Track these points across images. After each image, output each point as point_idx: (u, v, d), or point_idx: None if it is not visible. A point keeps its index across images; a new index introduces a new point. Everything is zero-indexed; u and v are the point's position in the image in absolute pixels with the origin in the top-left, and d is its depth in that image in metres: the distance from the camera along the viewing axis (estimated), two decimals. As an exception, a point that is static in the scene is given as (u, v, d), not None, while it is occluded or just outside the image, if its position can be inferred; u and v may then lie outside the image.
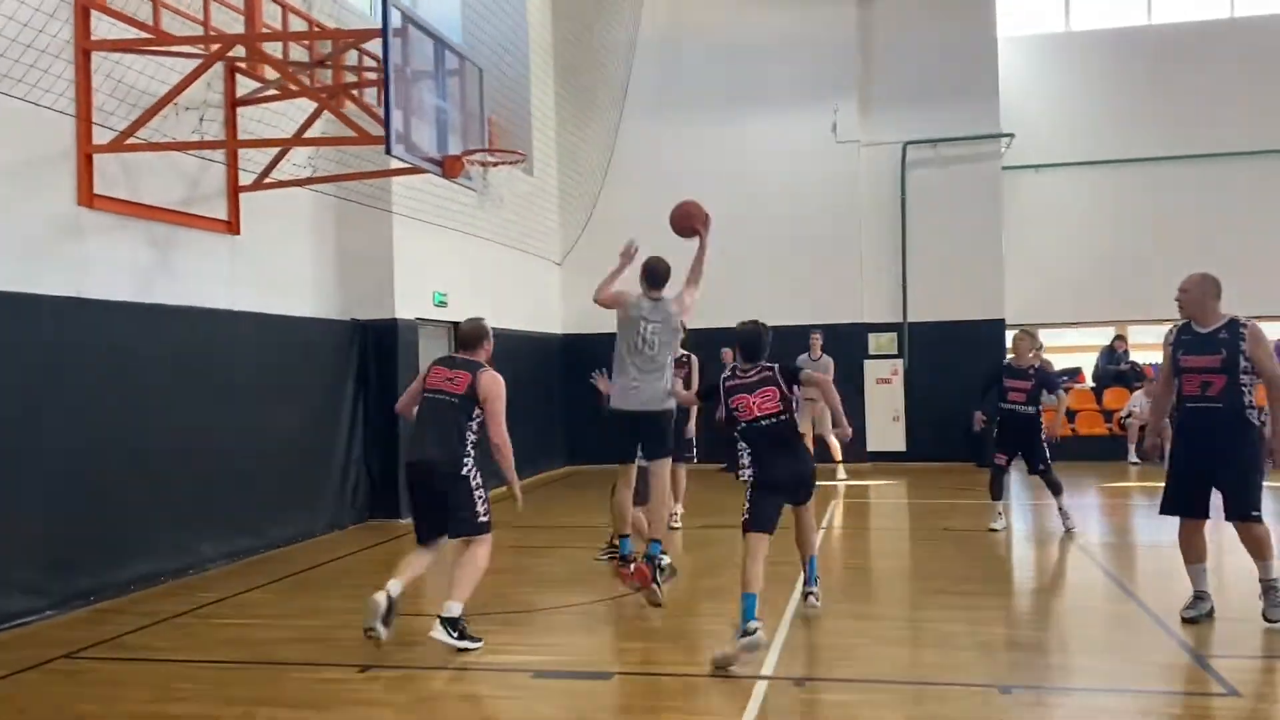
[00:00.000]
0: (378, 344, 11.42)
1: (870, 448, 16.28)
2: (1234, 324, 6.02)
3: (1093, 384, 17.62)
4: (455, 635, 5.87)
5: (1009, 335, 16.86)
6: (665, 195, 16.44)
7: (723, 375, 6.53)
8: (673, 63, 16.87)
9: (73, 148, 7.68)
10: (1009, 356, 10.48)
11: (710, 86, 16.74)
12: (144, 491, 8.10)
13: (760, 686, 5.22)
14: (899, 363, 16.43)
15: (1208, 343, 6.04)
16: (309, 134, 9.60)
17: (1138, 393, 16.07)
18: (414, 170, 8.40)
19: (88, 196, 7.74)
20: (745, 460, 6.61)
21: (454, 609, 5.90)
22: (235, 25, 9.05)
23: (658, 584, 6.88)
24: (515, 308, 15.14)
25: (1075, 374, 18.12)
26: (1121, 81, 17.73)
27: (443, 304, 12.57)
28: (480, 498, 6.14)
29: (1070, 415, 16.97)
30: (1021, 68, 17.88)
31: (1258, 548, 6.03)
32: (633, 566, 6.97)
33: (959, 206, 16.35)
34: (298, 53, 9.86)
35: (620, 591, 7.26)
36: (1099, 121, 17.81)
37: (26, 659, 6.01)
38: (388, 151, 7.44)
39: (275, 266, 10.15)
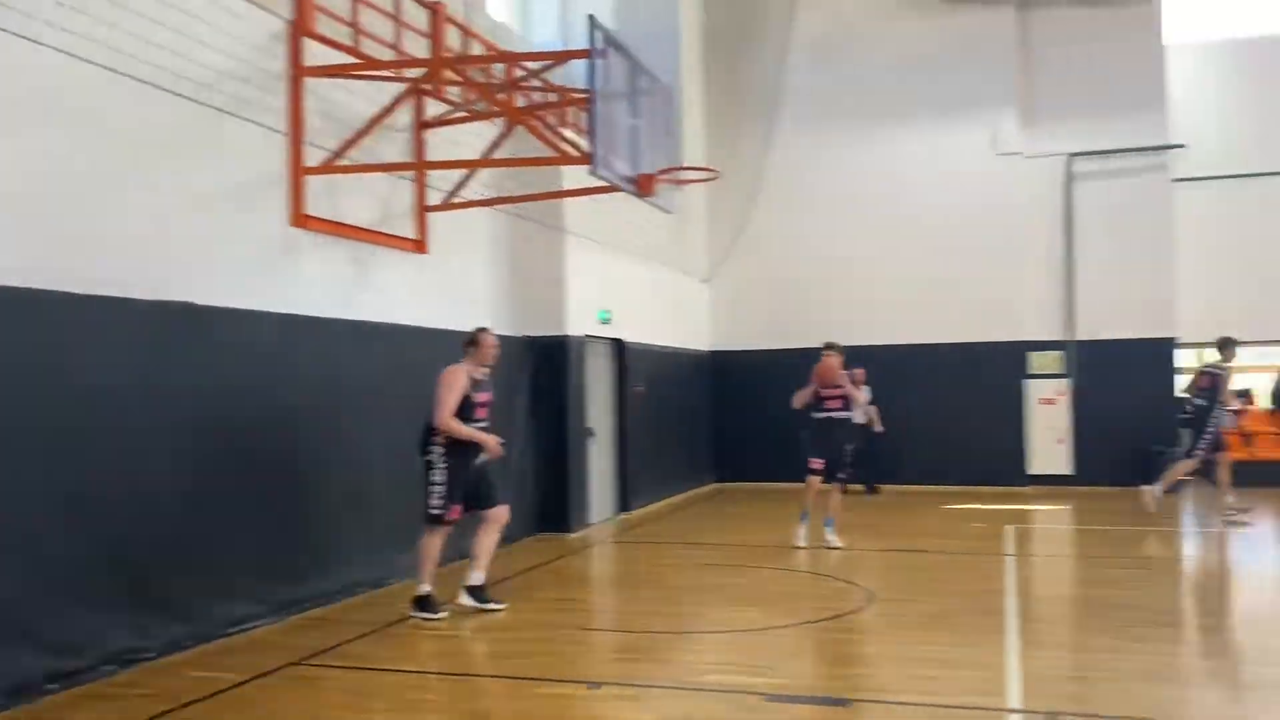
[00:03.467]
0: (549, 360, 11.55)
1: (1032, 470, 15.75)
2: None
3: (1271, 406, 16.66)
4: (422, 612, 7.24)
5: (1179, 355, 16.18)
6: (815, 211, 16.67)
7: None
8: (826, 74, 16.69)
9: (286, 169, 7.96)
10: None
11: (865, 98, 16.49)
12: (347, 503, 8.31)
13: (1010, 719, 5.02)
14: (1065, 382, 15.84)
15: None
16: (496, 155, 9.78)
17: (1321, 415, 15.12)
18: (605, 189, 8.46)
19: (300, 217, 8.01)
20: None
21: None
22: (420, 48, 9.30)
23: None
24: (668, 324, 15.16)
25: (1245, 395, 17.21)
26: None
27: (606, 321, 12.65)
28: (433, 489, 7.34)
29: (1247, 437, 16.14)
30: (1189, 76, 17.15)
31: None
32: None
33: (1127, 220, 15.71)
34: (475, 73, 10.08)
35: (826, 614, 7.12)
36: (1270, 131, 16.95)
37: (261, 664, 6.19)
38: (592, 172, 7.49)
39: (457, 284, 10.35)
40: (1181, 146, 15.74)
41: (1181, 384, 17.58)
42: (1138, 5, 15.75)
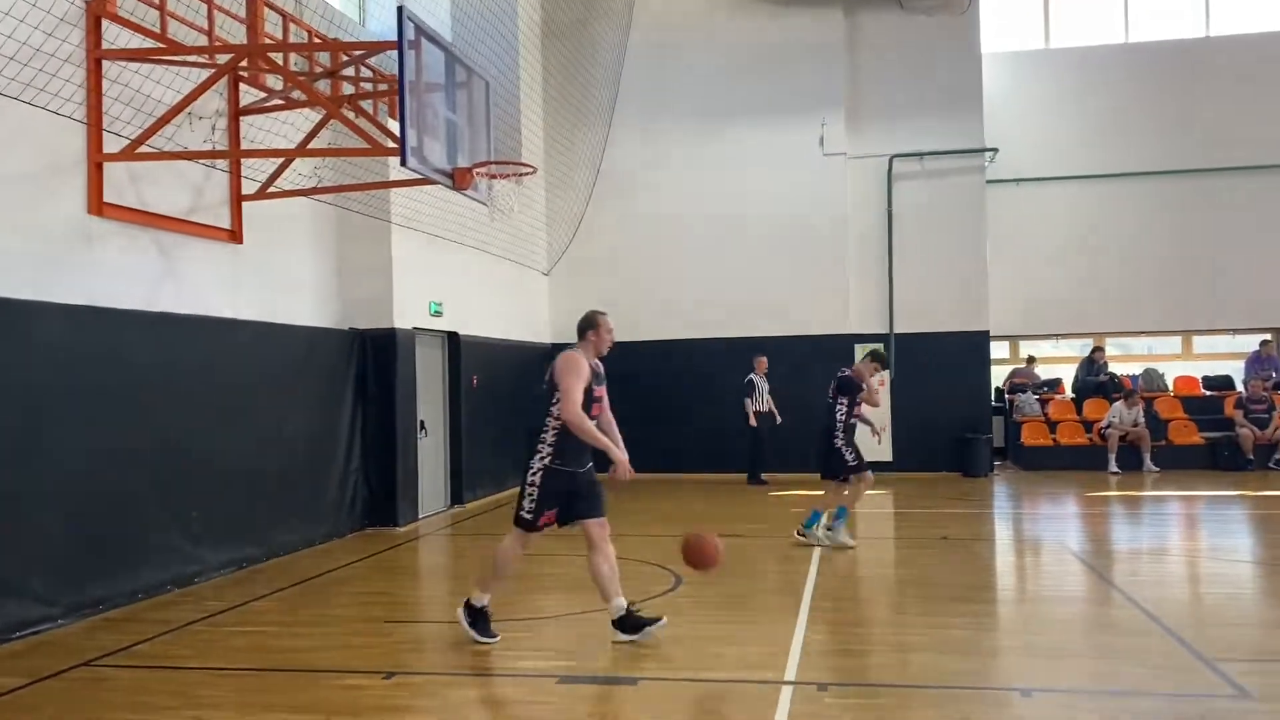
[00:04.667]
0: (376, 353, 11.45)
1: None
2: None
3: (1073, 395, 17.92)
4: (469, 621, 6.32)
5: (993, 347, 17.18)
6: (652, 208, 16.98)
7: None
8: (662, 74, 17.04)
9: (84, 156, 7.67)
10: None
11: (699, 98, 16.92)
12: (150, 499, 8.10)
13: (786, 692, 5.32)
14: (885, 374, 16.59)
15: None
16: (314, 144, 9.64)
17: (1117, 403, 16.35)
18: (422, 181, 8.47)
19: (99, 205, 7.74)
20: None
21: (475, 597, 6.35)
22: (238, 34, 9.09)
23: None
24: (506, 317, 15.21)
25: (1055, 385, 18.44)
26: (1101, 98, 18.12)
27: (438, 314, 12.62)
28: (531, 495, 6.28)
29: (1051, 425, 17.30)
30: (1005, 84, 18.22)
31: None
32: None
33: (944, 219, 16.60)
34: (295, 63, 9.91)
35: (633, 598, 7.34)
36: (1079, 137, 18.20)
37: (46, 667, 6.01)
38: (403, 163, 7.50)
39: (276, 275, 10.16)
40: (995, 151, 16.69)
41: (997, 375, 18.74)
42: (957, 14, 16.61)
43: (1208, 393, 17.70)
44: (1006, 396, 18.06)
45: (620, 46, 16.83)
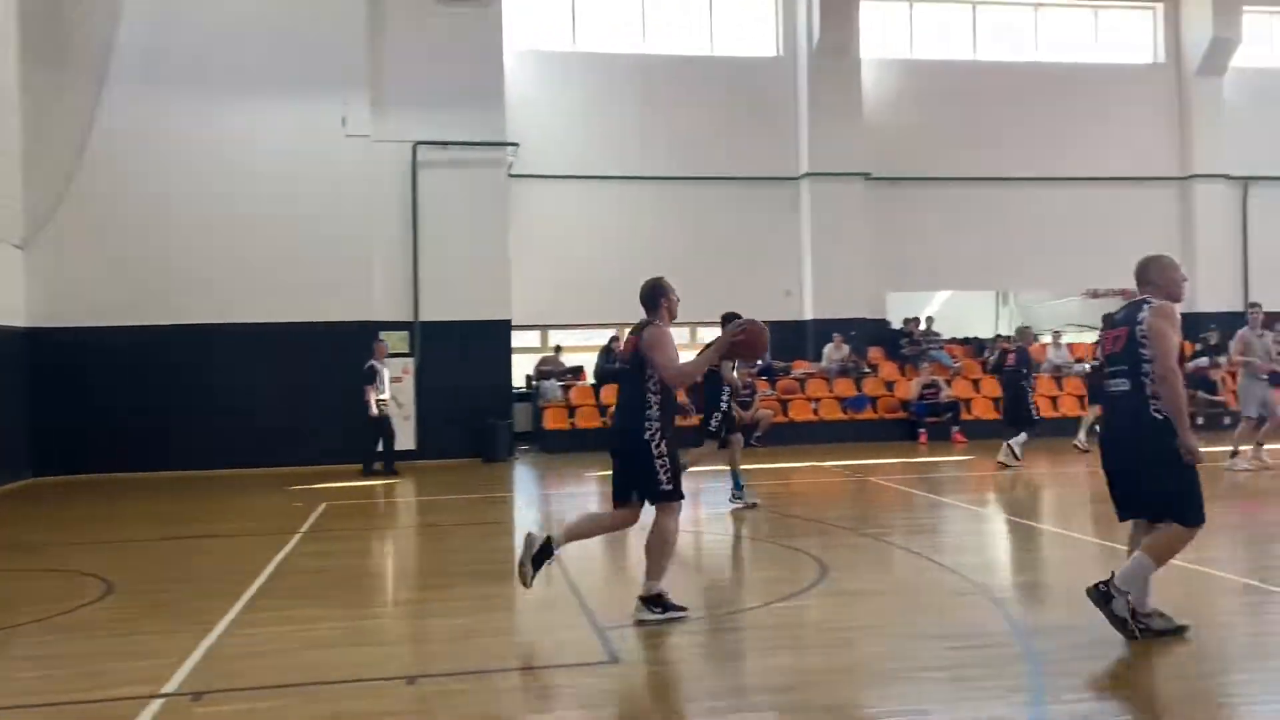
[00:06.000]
0: None
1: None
2: None
3: (593, 381, 18.91)
4: (659, 611, 6.04)
5: (515, 335, 17.67)
6: (157, 179, 15.45)
7: None
8: (165, 34, 15.54)
9: None
10: None
11: (208, 64, 15.68)
12: None
13: (153, 706, 4.85)
14: (410, 361, 16.46)
15: None
16: None
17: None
18: None
19: None
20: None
21: (652, 587, 6.09)
22: None
23: None
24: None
25: (578, 372, 19.37)
26: (620, 102, 19.29)
27: None
28: (663, 465, 6.03)
29: (571, 410, 18.15)
30: (533, 81, 18.79)
31: None
32: None
33: (469, 209, 16.76)
34: None
35: (45, 614, 6.46)
36: (604, 138, 19.24)
37: None
38: None
39: None
40: (516, 145, 17.14)
41: (528, 363, 19.36)
42: (483, 6, 16.79)
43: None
44: (534, 383, 18.69)
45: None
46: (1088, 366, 17.54)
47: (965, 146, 20.35)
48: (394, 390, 15.29)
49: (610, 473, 6.42)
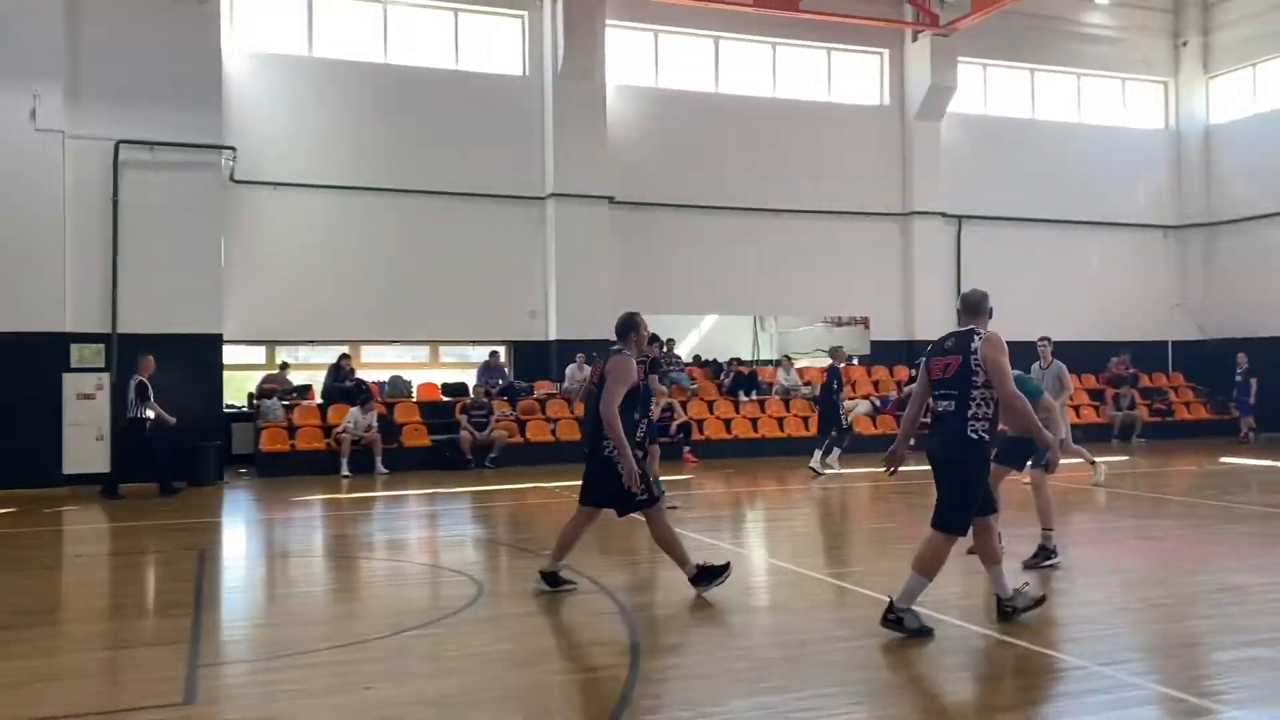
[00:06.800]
0: None
1: (68, 470, 14.79)
2: None
3: (320, 400, 18.07)
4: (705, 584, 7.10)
5: (227, 351, 16.65)
6: None
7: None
8: None
9: None
10: None
11: None
12: None
13: None
14: (105, 376, 15.16)
15: None
16: None
17: (354, 410, 16.75)
18: None
19: None
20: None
21: (690, 570, 7.13)
22: None
23: None
24: None
25: (305, 391, 18.46)
26: (360, 112, 18.63)
27: None
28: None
29: (292, 431, 17.23)
30: (263, 85, 17.87)
31: None
32: None
33: (179, 216, 15.69)
34: None
35: None
36: (336, 146, 18.50)
37: None
38: None
39: None
40: (233, 149, 16.21)
41: (252, 380, 18.31)
42: (196, 4, 15.81)
43: (445, 399, 19.03)
44: (255, 402, 17.67)
45: None
46: (818, 390, 18.10)
47: (707, 175, 20.88)
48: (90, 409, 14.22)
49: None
